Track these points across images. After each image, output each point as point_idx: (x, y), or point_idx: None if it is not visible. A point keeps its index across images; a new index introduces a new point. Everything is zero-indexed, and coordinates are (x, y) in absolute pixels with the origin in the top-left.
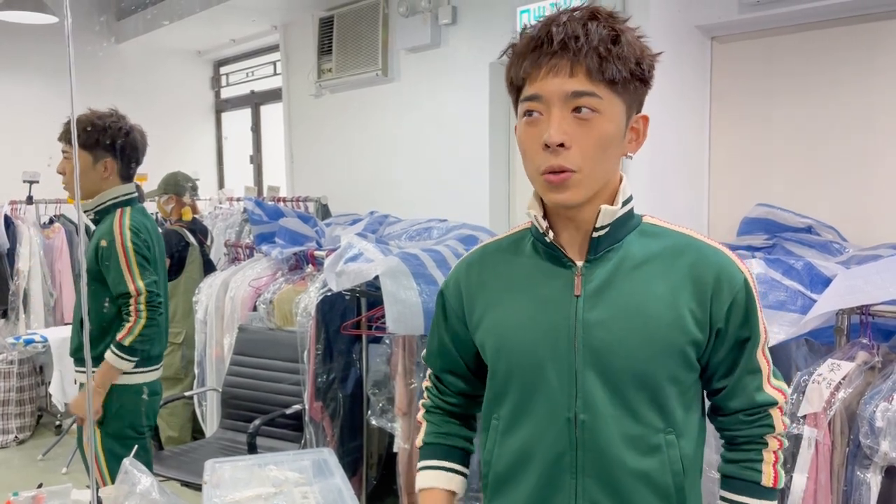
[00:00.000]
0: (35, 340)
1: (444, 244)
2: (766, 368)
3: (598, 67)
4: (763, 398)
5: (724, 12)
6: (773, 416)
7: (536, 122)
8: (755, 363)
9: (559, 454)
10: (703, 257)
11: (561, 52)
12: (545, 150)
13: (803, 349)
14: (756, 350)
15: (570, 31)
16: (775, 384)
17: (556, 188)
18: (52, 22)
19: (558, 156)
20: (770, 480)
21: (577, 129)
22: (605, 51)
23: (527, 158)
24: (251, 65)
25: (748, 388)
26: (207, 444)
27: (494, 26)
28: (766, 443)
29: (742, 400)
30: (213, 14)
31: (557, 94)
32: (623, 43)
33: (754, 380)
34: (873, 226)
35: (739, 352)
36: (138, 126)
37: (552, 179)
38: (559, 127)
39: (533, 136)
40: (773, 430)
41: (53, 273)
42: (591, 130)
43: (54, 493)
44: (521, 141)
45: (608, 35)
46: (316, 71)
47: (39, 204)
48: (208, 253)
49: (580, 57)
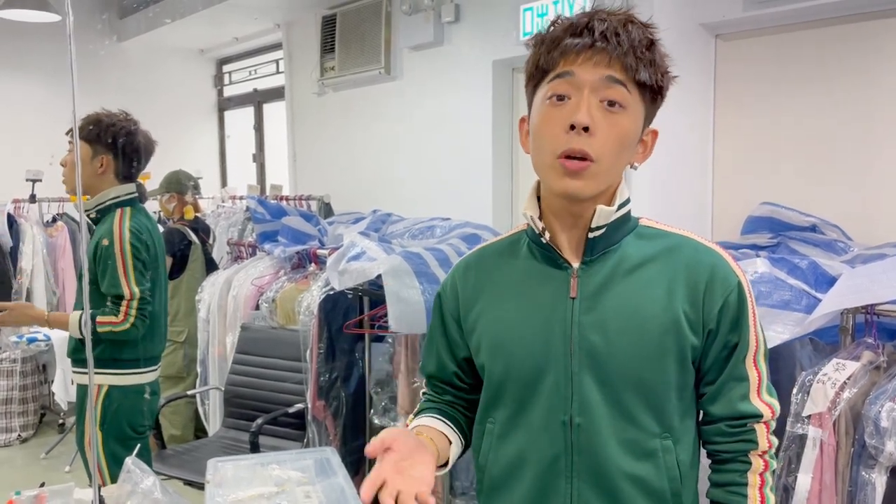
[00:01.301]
0: (38, 339)
1: (447, 243)
2: (756, 379)
3: (633, 66)
4: (747, 409)
5: (729, 10)
6: (758, 431)
7: (563, 105)
8: (742, 371)
9: (554, 458)
10: (697, 257)
11: (601, 42)
12: (569, 132)
13: (808, 349)
14: (745, 357)
15: (612, 27)
16: (766, 399)
17: (571, 175)
18: (55, 20)
19: (582, 139)
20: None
21: (604, 118)
22: (641, 53)
23: (544, 141)
24: (254, 63)
25: (731, 395)
26: (210, 443)
27: (498, 24)
28: (749, 462)
29: (724, 407)
30: (215, 12)
31: (592, 78)
32: (656, 51)
33: (739, 388)
34: (878, 224)
35: (727, 357)
36: (146, 131)
37: (570, 165)
38: (589, 110)
39: (555, 118)
40: (757, 448)
41: (56, 271)
42: (616, 124)
43: (57, 492)
44: (538, 124)
45: (645, 40)
46: (319, 69)
47: (42, 202)
48: (210, 251)
49: (619, 52)
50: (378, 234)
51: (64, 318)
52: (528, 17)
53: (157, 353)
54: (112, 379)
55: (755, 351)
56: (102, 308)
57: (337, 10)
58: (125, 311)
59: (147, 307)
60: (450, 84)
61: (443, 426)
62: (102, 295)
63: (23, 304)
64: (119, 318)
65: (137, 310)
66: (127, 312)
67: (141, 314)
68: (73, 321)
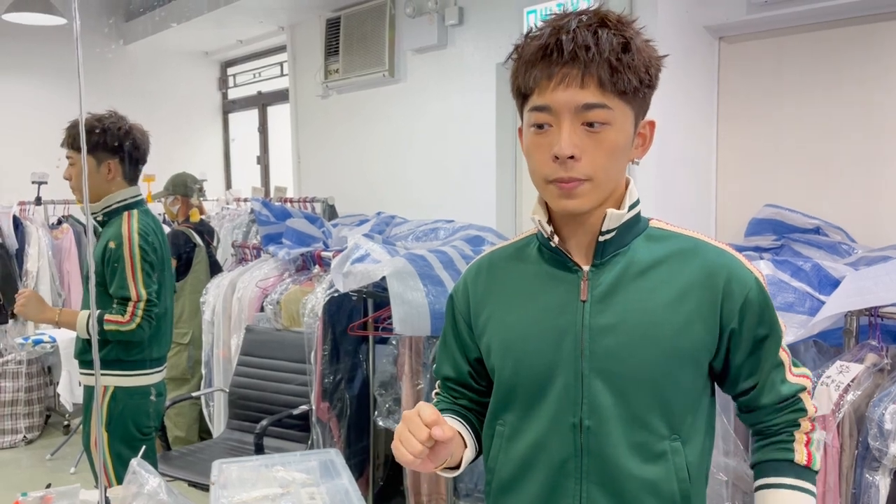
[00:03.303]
0: (43, 341)
1: (451, 245)
2: (787, 359)
3: (609, 78)
4: (789, 389)
5: (733, 12)
6: (804, 399)
7: (546, 133)
8: (777, 358)
9: (564, 460)
10: (711, 260)
11: (571, 62)
12: (555, 162)
13: (812, 351)
14: (778, 346)
15: (581, 41)
16: (797, 372)
17: (566, 195)
18: (60, 23)
19: (568, 167)
20: (803, 458)
21: (588, 141)
22: (616, 61)
23: (534, 167)
24: (258, 66)
25: (776, 383)
26: (214, 445)
27: (501, 27)
28: (798, 425)
29: (772, 395)
30: (220, 15)
31: (568, 106)
32: (633, 51)
33: (779, 373)
34: (882, 226)
35: (761, 349)
36: (138, 125)
37: (563, 187)
38: (570, 140)
39: (541, 147)
40: (806, 414)
41: (62, 274)
42: (602, 142)
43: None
44: (528, 150)
45: (619, 44)
46: (323, 72)
47: (48, 205)
48: (215, 254)
49: (591, 68)
50: (382, 236)
51: (73, 317)
52: (531, 19)
53: (163, 354)
54: (118, 380)
55: (781, 338)
56: (110, 308)
57: (341, 13)
58: (132, 311)
59: (154, 309)
60: (453, 86)
61: (461, 427)
62: (110, 297)
63: (35, 293)
64: (125, 319)
65: (144, 311)
66: (133, 313)
67: (147, 316)
68: (82, 320)
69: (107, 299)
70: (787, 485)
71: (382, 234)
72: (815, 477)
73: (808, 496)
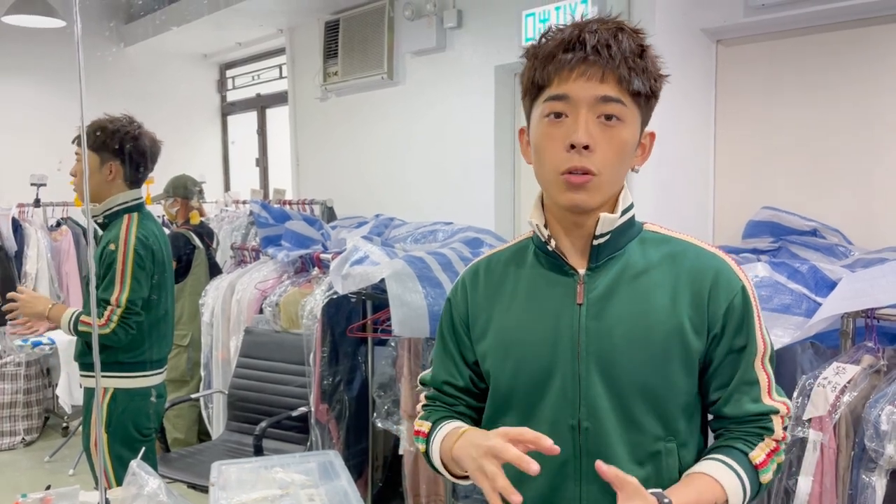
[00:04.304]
0: (42, 343)
1: (450, 247)
2: (766, 381)
3: (627, 77)
4: (760, 408)
5: (730, 15)
6: (774, 421)
7: (561, 123)
8: (752, 374)
9: (563, 462)
10: (701, 262)
11: (594, 56)
12: (569, 151)
13: (808, 353)
14: (753, 360)
15: (603, 39)
16: (777, 398)
17: (575, 188)
18: (61, 26)
19: (582, 157)
20: (758, 458)
21: (602, 134)
22: (633, 62)
23: (545, 158)
24: (257, 68)
25: (744, 399)
26: (214, 446)
27: (500, 30)
28: (762, 438)
29: (737, 409)
30: (219, 18)
31: (587, 97)
32: (647, 58)
33: (751, 391)
34: (879, 229)
35: (736, 361)
36: (150, 133)
37: (573, 180)
38: (587, 129)
39: (555, 137)
40: (772, 434)
41: (61, 275)
42: (614, 137)
43: (62, 494)
44: (540, 141)
45: (636, 48)
46: (322, 74)
47: (47, 207)
48: (214, 256)
49: (611, 65)
50: (381, 238)
51: (57, 314)
52: (529, 22)
53: (164, 356)
54: (118, 382)
55: (762, 354)
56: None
57: (340, 16)
58: (108, 316)
59: (133, 318)
60: (452, 89)
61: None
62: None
63: (33, 293)
64: (101, 322)
65: (121, 318)
66: (109, 318)
67: (124, 323)
68: (65, 318)
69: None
70: (723, 461)
71: (381, 236)
72: (757, 482)
73: (736, 480)
